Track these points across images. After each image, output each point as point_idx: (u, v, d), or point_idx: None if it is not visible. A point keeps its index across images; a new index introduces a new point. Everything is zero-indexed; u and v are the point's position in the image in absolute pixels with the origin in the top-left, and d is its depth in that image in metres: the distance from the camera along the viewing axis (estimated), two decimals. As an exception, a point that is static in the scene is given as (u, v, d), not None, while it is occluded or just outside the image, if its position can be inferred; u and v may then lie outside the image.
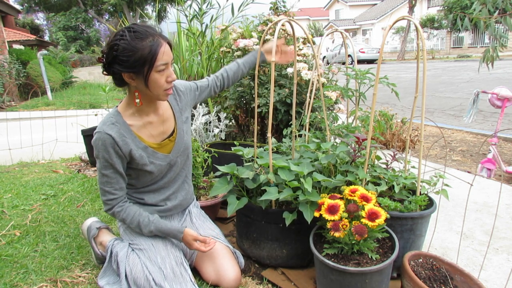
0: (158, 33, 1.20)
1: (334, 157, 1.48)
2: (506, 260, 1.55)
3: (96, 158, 1.26)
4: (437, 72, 11.22)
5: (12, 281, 1.41)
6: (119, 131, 1.23)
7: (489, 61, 2.52)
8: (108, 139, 1.21)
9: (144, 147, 1.30)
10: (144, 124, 1.31)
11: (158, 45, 1.16)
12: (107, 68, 1.20)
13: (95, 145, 1.23)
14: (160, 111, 1.36)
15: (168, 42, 1.22)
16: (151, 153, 1.32)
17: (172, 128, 1.40)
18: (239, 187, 1.54)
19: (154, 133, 1.34)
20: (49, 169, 2.98)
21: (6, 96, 7.59)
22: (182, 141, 1.42)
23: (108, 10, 18.69)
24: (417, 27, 1.25)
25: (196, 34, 2.73)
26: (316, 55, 1.54)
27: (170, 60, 1.22)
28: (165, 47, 1.19)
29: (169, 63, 1.22)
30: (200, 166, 1.90)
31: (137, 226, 1.32)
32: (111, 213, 1.32)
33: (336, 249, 1.21)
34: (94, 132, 1.24)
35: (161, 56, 1.16)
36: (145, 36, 1.15)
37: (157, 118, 1.35)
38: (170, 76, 1.23)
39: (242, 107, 2.61)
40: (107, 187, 1.28)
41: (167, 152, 1.38)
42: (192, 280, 1.28)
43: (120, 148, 1.23)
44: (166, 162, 1.37)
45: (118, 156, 1.24)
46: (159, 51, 1.16)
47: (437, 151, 3.63)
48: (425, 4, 26.51)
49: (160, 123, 1.36)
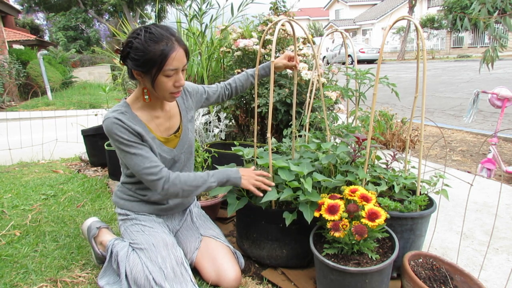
0: (175, 37, 1.21)
1: (334, 157, 1.48)
2: (506, 260, 1.55)
3: (115, 144, 1.26)
4: (437, 72, 11.22)
5: (12, 281, 1.41)
6: (128, 119, 1.26)
7: (489, 61, 2.52)
8: (119, 122, 1.23)
9: (152, 137, 1.33)
10: (151, 118, 1.35)
11: (171, 50, 1.18)
12: (122, 60, 1.25)
13: (109, 131, 1.23)
14: (167, 108, 1.40)
15: (185, 48, 1.23)
16: (159, 145, 1.35)
17: (177, 125, 1.44)
18: (239, 187, 1.54)
19: (161, 128, 1.38)
20: (49, 169, 2.98)
21: (6, 96, 7.59)
22: (187, 138, 1.46)
23: (108, 10, 18.70)
24: (417, 27, 1.25)
25: (196, 34, 2.73)
26: (316, 55, 1.54)
27: (182, 65, 1.23)
28: (178, 53, 1.19)
29: (179, 69, 1.22)
30: (200, 166, 1.90)
31: (196, 186, 1.30)
32: (165, 189, 1.26)
33: (336, 249, 1.21)
34: (103, 120, 1.26)
35: (171, 61, 1.18)
36: (160, 39, 1.17)
37: (164, 113, 1.39)
38: (179, 82, 1.24)
39: (242, 107, 2.61)
40: (147, 163, 1.24)
41: (172, 147, 1.41)
42: (192, 280, 1.28)
43: (132, 129, 1.25)
44: (171, 157, 1.40)
45: (134, 135, 1.25)
46: (170, 56, 1.18)
47: (437, 151, 3.63)
48: (425, 4, 26.51)
49: (166, 119, 1.39)
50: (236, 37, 2.57)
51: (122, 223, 1.44)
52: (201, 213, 1.61)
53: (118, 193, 1.48)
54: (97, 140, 2.91)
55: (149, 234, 1.35)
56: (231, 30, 2.71)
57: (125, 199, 1.44)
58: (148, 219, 1.42)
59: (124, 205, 1.44)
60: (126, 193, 1.45)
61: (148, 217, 1.43)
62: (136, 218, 1.42)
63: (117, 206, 1.48)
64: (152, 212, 1.45)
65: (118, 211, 1.47)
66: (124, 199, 1.45)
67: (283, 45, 2.52)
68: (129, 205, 1.43)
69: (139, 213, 1.43)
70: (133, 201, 1.43)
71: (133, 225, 1.40)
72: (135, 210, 1.43)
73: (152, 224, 1.41)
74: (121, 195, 1.46)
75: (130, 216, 1.43)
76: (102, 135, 2.91)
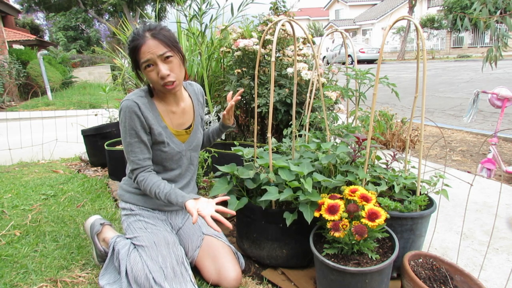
0: (151, 31, 1.23)
1: (334, 157, 1.48)
2: (506, 260, 1.55)
3: (121, 126, 1.32)
4: (437, 72, 11.22)
5: (12, 281, 1.41)
6: (145, 104, 1.32)
7: (492, 60, 2.51)
8: (135, 106, 1.28)
9: (164, 127, 1.38)
10: (167, 111, 1.41)
11: (139, 44, 1.23)
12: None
13: (122, 112, 1.30)
14: (182, 104, 1.45)
15: (161, 38, 1.23)
16: (169, 135, 1.40)
17: (189, 123, 1.50)
18: (239, 187, 1.54)
19: (174, 121, 1.43)
20: (49, 169, 2.98)
21: (6, 96, 7.59)
22: (196, 136, 1.51)
23: (108, 10, 18.69)
24: (417, 27, 1.25)
25: (196, 34, 2.73)
26: (316, 55, 1.54)
27: (155, 56, 1.23)
28: (148, 45, 1.22)
29: (154, 60, 1.23)
30: (200, 166, 1.90)
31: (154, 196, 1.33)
32: (136, 183, 1.36)
33: (336, 249, 1.21)
34: (122, 101, 1.31)
35: (142, 55, 1.23)
36: (134, 37, 1.24)
37: (179, 109, 1.44)
38: (160, 73, 1.25)
39: (242, 107, 2.61)
40: (132, 156, 1.33)
41: (182, 141, 1.46)
42: (192, 280, 1.28)
43: (144, 117, 1.30)
44: (179, 150, 1.44)
45: (141, 125, 1.31)
46: (140, 50, 1.23)
47: (437, 151, 3.63)
48: (425, 4, 26.50)
49: (180, 114, 1.45)
50: (236, 37, 2.57)
51: (126, 218, 1.45)
52: None
53: (124, 186, 1.51)
54: (97, 140, 2.91)
55: (151, 232, 1.36)
56: (231, 30, 2.71)
57: (131, 192, 1.47)
58: (152, 216, 1.44)
59: (129, 198, 1.46)
60: (132, 186, 1.47)
61: (152, 214, 1.45)
62: (140, 214, 1.43)
63: (122, 200, 1.50)
64: (155, 207, 1.47)
65: (122, 205, 1.49)
66: (129, 192, 1.47)
67: (283, 45, 2.51)
68: (134, 199, 1.45)
69: (143, 209, 1.45)
70: (138, 195, 1.45)
71: (136, 221, 1.42)
72: (140, 205, 1.45)
73: (155, 221, 1.42)
74: (126, 188, 1.49)
75: (134, 211, 1.44)
76: (102, 135, 2.91)
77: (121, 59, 3.53)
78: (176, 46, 1.27)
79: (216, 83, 2.91)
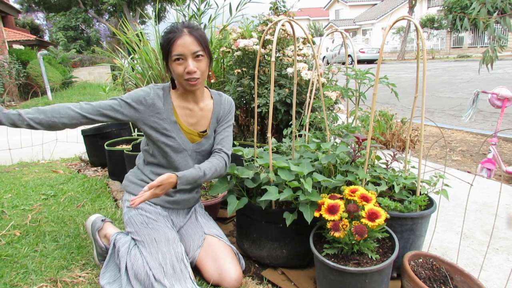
0: (188, 28, 1.31)
1: (334, 157, 1.48)
2: (506, 260, 1.55)
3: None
4: (437, 72, 11.22)
5: (12, 281, 1.41)
6: (159, 96, 1.37)
7: (488, 62, 2.52)
8: (146, 91, 1.36)
9: (174, 122, 1.40)
10: (183, 107, 1.43)
11: (176, 37, 1.28)
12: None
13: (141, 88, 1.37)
14: (201, 104, 1.46)
15: (196, 37, 1.30)
16: (177, 130, 1.41)
17: (205, 128, 1.49)
18: (239, 187, 1.54)
19: (187, 119, 1.44)
20: (49, 169, 2.98)
21: (6, 96, 7.59)
22: (207, 142, 1.50)
23: (108, 10, 18.65)
24: (417, 27, 1.25)
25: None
26: (316, 55, 1.54)
27: (189, 52, 1.29)
28: (183, 40, 1.28)
29: (186, 55, 1.29)
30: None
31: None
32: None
33: (336, 249, 1.21)
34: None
35: (176, 47, 1.28)
36: (171, 30, 1.31)
37: (197, 108, 1.45)
38: (188, 68, 1.30)
39: (242, 107, 2.61)
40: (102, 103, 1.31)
41: (191, 141, 1.46)
42: (191, 277, 1.29)
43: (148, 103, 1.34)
44: (184, 147, 1.43)
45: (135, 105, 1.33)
46: (175, 43, 1.28)
47: (437, 151, 3.63)
48: (425, 4, 26.49)
49: (196, 114, 1.46)
50: (236, 37, 2.57)
51: (127, 211, 1.45)
52: (205, 212, 1.63)
53: (130, 177, 1.52)
54: (97, 140, 2.91)
55: (152, 228, 1.37)
56: (231, 30, 2.71)
57: (136, 184, 1.47)
58: (154, 211, 1.44)
59: (133, 190, 1.47)
60: (139, 177, 1.48)
61: (154, 209, 1.45)
62: (142, 208, 1.43)
63: (126, 192, 1.50)
64: (158, 203, 1.47)
65: (126, 197, 1.50)
66: (135, 184, 1.48)
67: (283, 45, 2.51)
68: (138, 191, 1.45)
69: (146, 203, 1.45)
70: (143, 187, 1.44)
71: (138, 215, 1.42)
72: None
73: (157, 217, 1.43)
74: (132, 179, 1.50)
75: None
76: (102, 135, 2.91)
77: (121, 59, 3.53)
78: (208, 48, 1.34)
79: (216, 83, 2.91)
